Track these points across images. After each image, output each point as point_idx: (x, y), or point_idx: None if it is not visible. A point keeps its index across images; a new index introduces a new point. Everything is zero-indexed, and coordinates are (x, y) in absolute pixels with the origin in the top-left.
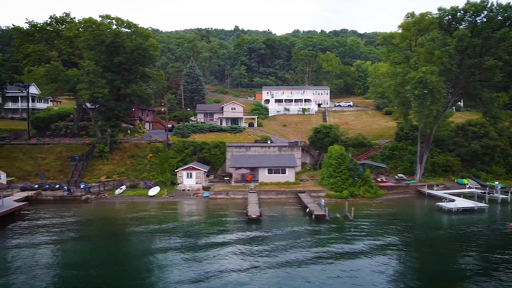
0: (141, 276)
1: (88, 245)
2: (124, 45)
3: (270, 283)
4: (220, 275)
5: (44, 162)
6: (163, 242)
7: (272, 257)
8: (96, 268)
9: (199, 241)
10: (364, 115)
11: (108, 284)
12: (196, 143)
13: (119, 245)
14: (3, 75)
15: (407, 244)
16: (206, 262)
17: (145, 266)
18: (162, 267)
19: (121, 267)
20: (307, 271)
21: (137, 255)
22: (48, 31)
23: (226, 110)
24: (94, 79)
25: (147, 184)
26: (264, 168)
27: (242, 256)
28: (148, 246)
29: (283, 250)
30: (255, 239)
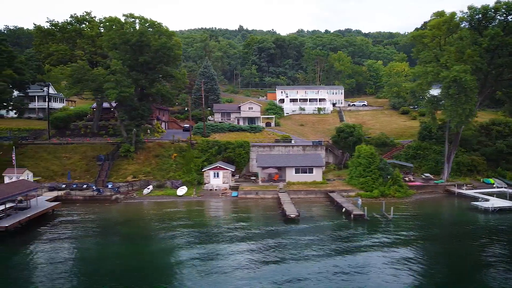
0: (209, 279)
1: (136, 246)
2: (150, 44)
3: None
4: (284, 277)
5: (70, 162)
6: (216, 243)
7: (327, 258)
8: (151, 270)
9: (249, 242)
10: (380, 115)
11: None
12: (220, 143)
13: (168, 247)
14: (27, 74)
15: (457, 244)
16: (263, 263)
17: (209, 269)
18: (228, 267)
19: (179, 270)
20: (366, 270)
21: (195, 258)
22: (69, 30)
23: (243, 109)
24: (121, 78)
25: (174, 184)
26: (292, 167)
27: (297, 258)
28: (201, 247)
29: (335, 251)
30: (301, 240)
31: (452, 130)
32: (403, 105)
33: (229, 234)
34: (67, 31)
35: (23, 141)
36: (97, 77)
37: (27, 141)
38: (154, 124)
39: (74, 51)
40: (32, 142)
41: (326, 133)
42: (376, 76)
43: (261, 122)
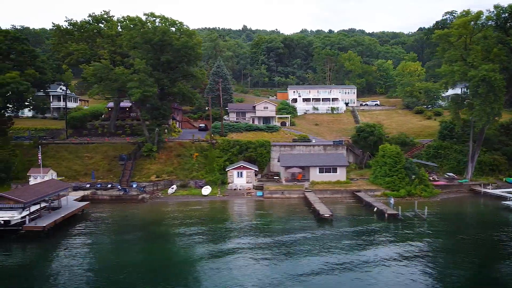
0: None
1: (172, 245)
2: (172, 44)
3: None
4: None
5: (91, 161)
6: (255, 243)
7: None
8: (191, 270)
9: (286, 244)
10: (394, 114)
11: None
12: (242, 142)
13: (210, 247)
14: (48, 74)
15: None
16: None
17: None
18: (272, 269)
19: (229, 274)
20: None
21: (242, 265)
22: (88, 29)
23: (258, 109)
24: (144, 78)
25: (198, 184)
26: (315, 167)
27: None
28: (242, 247)
29: (393, 258)
30: (345, 242)
31: (476, 130)
32: (417, 104)
33: (269, 234)
34: (86, 31)
35: (43, 141)
36: (119, 76)
37: (47, 141)
38: (170, 123)
39: (93, 50)
40: (53, 142)
41: (342, 132)
42: (386, 76)
43: (276, 122)
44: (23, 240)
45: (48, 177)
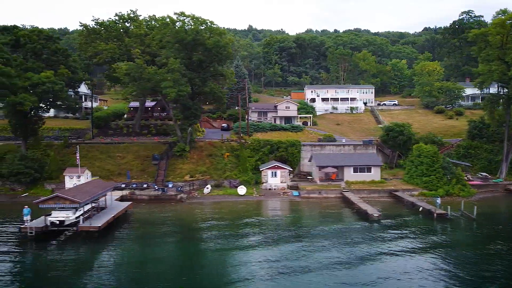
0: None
1: (224, 246)
2: (204, 43)
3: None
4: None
5: (124, 161)
6: (321, 246)
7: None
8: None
9: (351, 247)
10: (414, 114)
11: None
12: (272, 142)
13: (265, 248)
14: (80, 73)
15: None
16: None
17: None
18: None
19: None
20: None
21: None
22: (116, 29)
23: (280, 108)
24: (178, 77)
25: (232, 183)
26: (350, 166)
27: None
28: (306, 251)
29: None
30: (405, 244)
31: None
32: (437, 104)
33: (328, 237)
34: (113, 30)
35: (73, 141)
36: (153, 76)
37: (77, 141)
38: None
39: (121, 49)
40: (83, 142)
41: (366, 132)
42: (401, 76)
43: (298, 122)
44: (77, 240)
45: (84, 177)
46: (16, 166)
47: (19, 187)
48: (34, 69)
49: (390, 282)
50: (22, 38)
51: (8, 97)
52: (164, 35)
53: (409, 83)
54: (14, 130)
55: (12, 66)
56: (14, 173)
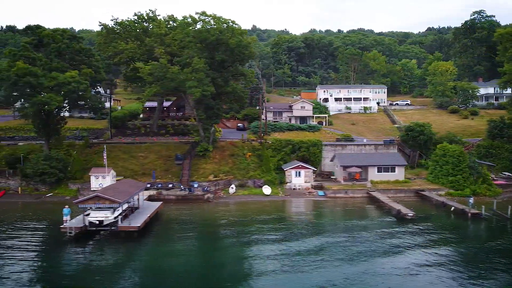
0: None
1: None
2: (227, 43)
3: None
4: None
5: (147, 161)
6: (369, 249)
7: None
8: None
9: (388, 248)
10: (428, 114)
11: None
12: (294, 142)
13: (312, 248)
14: (102, 73)
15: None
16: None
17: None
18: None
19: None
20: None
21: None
22: (135, 28)
23: (295, 108)
24: (202, 77)
25: (256, 183)
26: (374, 166)
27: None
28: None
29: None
30: (440, 243)
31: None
32: (450, 104)
33: (363, 236)
34: (133, 30)
35: (94, 141)
36: (177, 75)
37: (99, 141)
38: None
39: (141, 49)
40: (105, 142)
41: (382, 132)
42: (411, 76)
43: (313, 121)
44: (116, 239)
45: (110, 177)
46: (41, 166)
47: (43, 187)
48: (59, 68)
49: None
50: (46, 37)
51: (35, 97)
52: (186, 34)
53: (419, 83)
54: (38, 130)
55: (37, 66)
56: (39, 173)
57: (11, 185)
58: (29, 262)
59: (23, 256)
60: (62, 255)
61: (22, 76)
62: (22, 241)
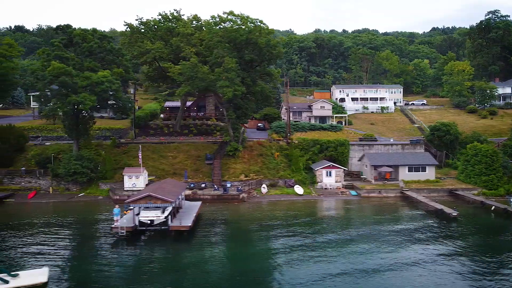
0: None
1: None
2: (257, 42)
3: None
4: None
5: (177, 161)
6: (434, 251)
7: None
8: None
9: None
10: (446, 113)
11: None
12: (321, 142)
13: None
14: (131, 73)
15: None
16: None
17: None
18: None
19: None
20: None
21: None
22: (161, 28)
23: (315, 108)
24: (234, 77)
25: (288, 183)
26: (405, 166)
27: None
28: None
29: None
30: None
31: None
32: (468, 103)
33: (410, 235)
34: (159, 29)
35: (121, 140)
36: (207, 75)
37: (126, 140)
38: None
39: (167, 48)
40: (132, 141)
41: (403, 131)
42: (423, 75)
43: (333, 121)
44: (167, 239)
45: (143, 177)
46: (73, 166)
47: (74, 187)
48: (91, 68)
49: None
50: (77, 37)
51: (69, 97)
52: (215, 34)
53: (432, 83)
54: (68, 130)
55: (69, 66)
56: (71, 173)
57: (42, 185)
58: (82, 262)
59: (77, 255)
60: (116, 255)
61: (58, 76)
62: (75, 240)
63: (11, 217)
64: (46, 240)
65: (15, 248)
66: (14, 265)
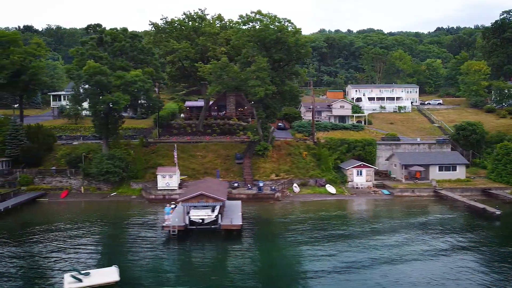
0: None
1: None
2: (287, 41)
3: None
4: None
5: (206, 160)
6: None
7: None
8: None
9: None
10: (464, 113)
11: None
12: (349, 141)
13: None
14: (161, 72)
15: None
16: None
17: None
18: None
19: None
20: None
21: None
22: (187, 28)
23: (334, 107)
24: (266, 76)
25: (318, 182)
26: (435, 165)
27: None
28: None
29: None
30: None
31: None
32: (486, 103)
33: (459, 234)
34: (185, 29)
35: (149, 140)
36: (238, 74)
37: (154, 140)
38: (250, 121)
39: (193, 48)
40: (160, 141)
41: (423, 131)
42: (436, 75)
43: (352, 120)
44: (217, 238)
45: (176, 176)
46: (105, 165)
47: (105, 186)
48: (122, 67)
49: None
50: (108, 36)
51: (105, 96)
52: (245, 33)
53: (445, 83)
54: (98, 130)
55: (102, 65)
56: (103, 172)
57: (73, 184)
58: (141, 260)
59: (133, 254)
60: (165, 253)
61: (93, 75)
62: (127, 240)
63: (53, 215)
64: (100, 239)
65: (73, 247)
66: (83, 264)
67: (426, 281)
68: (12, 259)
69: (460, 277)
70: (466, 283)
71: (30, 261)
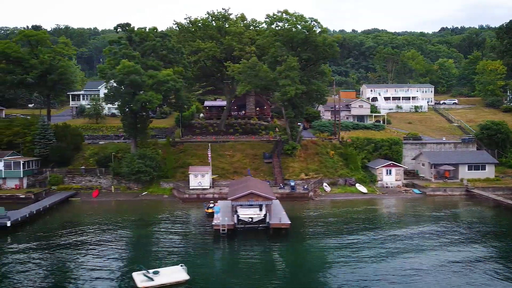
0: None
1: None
2: (315, 41)
3: None
4: None
5: (235, 159)
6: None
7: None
8: None
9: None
10: (482, 113)
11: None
12: (375, 140)
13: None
14: (189, 72)
15: None
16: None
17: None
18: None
19: None
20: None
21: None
22: (212, 27)
23: (353, 107)
24: (296, 75)
25: (348, 181)
26: (465, 164)
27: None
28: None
29: None
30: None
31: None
32: (502, 103)
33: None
34: (209, 28)
35: (176, 140)
36: (267, 74)
37: (181, 139)
38: (269, 121)
39: (218, 47)
40: (188, 140)
41: (443, 130)
42: (448, 75)
43: (370, 120)
44: (266, 237)
45: (209, 175)
46: (136, 164)
47: (135, 185)
48: (154, 67)
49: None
50: (138, 35)
51: (138, 95)
52: (271, 33)
53: (458, 82)
54: (127, 129)
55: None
56: (134, 171)
57: (103, 184)
58: (199, 259)
59: (189, 253)
60: (216, 252)
61: (128, 74)
62: (176, 239)
63: (91, 215)
64: (149, 238)
65: (126, 247)
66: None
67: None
68: (70, 262)
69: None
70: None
71: (92, 262)
